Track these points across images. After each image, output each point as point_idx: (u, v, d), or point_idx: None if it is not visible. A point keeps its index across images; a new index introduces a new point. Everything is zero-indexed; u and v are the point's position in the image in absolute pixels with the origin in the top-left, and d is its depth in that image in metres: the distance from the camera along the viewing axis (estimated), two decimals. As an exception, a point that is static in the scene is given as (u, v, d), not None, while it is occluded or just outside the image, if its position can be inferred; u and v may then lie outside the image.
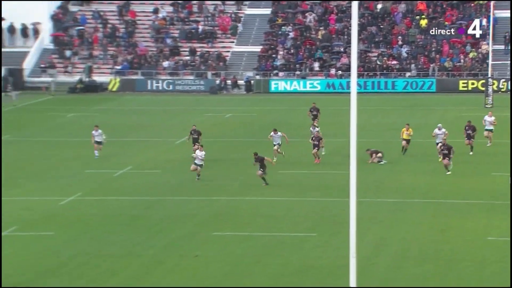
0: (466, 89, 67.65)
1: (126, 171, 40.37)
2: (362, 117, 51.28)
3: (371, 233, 29.30)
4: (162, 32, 75.49)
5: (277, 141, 41.07)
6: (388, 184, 37.08)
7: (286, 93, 68.38)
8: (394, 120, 53.22)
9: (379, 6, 74.95)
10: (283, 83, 69.30)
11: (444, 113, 57.06)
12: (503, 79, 66.75)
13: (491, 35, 65.28)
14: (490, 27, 65.22)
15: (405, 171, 39.32)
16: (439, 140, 40.19)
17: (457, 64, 69.69)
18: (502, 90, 65.70)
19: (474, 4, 73.94)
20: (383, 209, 33.00)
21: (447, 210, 32.75)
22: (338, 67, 70.55)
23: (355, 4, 16.97)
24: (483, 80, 64.47)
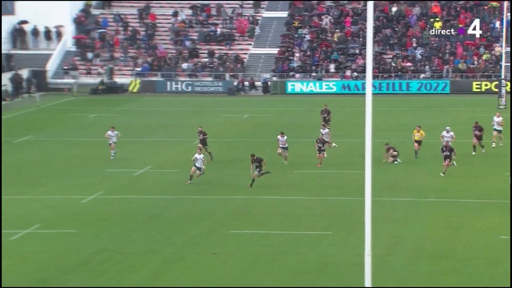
0: (479, 90, 67.35)
1: (146, 170, 40.46)
2: (377, 118, 50.75)
3: (386, 231, 29.24)
4: (182, 35, 75.63)
5: (283, 145, 40.32)
6: (403, 183, 36.98)
7: (302, 94, 68.33)
8: (408, 121, 53.03)
9: (394, 9, 74.77)
10: (299, 84, 69.25)
11: (457, 114, 56.84)
12: (516, 81, 66.35)
13: (504, 37, 64.88)
14: (503, 29, 64.85)
15: (419, 171, 39.19)
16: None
17: (470, 66, 69.39)
18: (515, 91, 65.31)
19: (487, 6, 73.59)
20: (397, 208, 32.92)
21: (460, 209, 32.63)
22: (353, 68, 70.42)
23: (370, 4, 16.90)
24: (496, 82, 64.12)
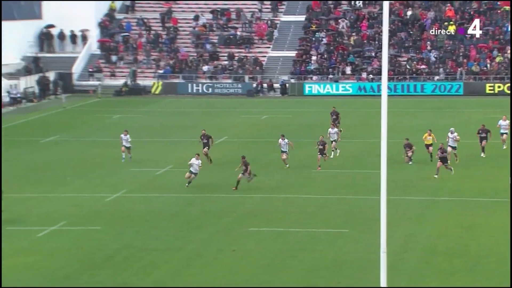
0: (492, 92, 67.00)
1: (167, 169, 40.57)
2: (392, 118, 50.79)
3: (400, 229, 29.18)
4: (202, 38, 75.74)
5: (284, 148, 39.58)
6: (416, 183, 36.85)
7: (319, 96, 68.24)
8: (422, 122, 52.84)
9: (409, 12, 74.52)
10: (316, 86, 69.20)
11: (470, 115, 56.58)
12: (529, 83, 65.96)
13: (516, 40, 64.55)
14: (515, 32, 64.48)
15: (432, 171, 39.00)
16: (451, 144, 39.68)
17: (484, 68, 69.04)
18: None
19: (500, 10, 73.18)
20: (411, 207, 32.83)
21: (473, 208, 32.48)
22: (369, 71, 70.25)
23: (386, 4, 16.86)
24: (509, 84, 63.81)
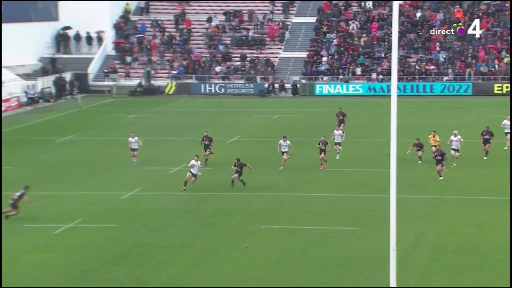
0: (500, 92, 66.64)
1: (181, 168, 40.50)
2: (401, 118, 50.67)
3: (410, 227, 29.02)
4: (215, 39, 75.72)
5: (285, 149, 38.94)
6: (426, 181, 36.66)
7: (330, 96, 68.06)
8: (431, 122, 52.64)
9: (418, 14, 74.23)
10: (327, 86, 69.05)
11: (479, 115, 56.31)
12: (536, 83, 65.61)
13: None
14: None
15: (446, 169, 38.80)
16: (454, 147, 39.35)
17: (492, 69, 68.70)
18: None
19: (508, 12, 72.78)
20: (421, 205, 32.66)
21: (482, 206, 32.28)
22: (379, 71, 70.02)
23: (396, 4, 16.75)
24: (517, 84, 63.47)
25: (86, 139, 50.27)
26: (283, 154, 39.07)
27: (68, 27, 75.61)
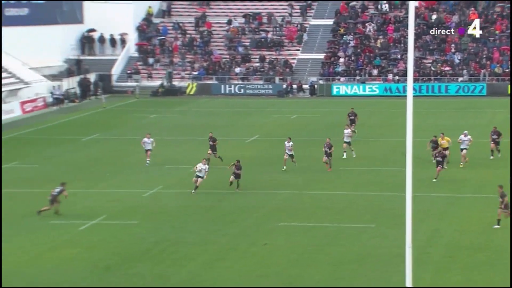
0: (514, 92, 66.28)
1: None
2: (417, 118, 50.48)
3: (425, 225, 28.96)
4: (235, 41, 75.83)
5: (288, 150, 38.52)
6: (440, 180, 36.54)
7: (347, 96, 67.98)
8: (446, 122, 52.45)
9: (434, 16, 73.93)
10: (344, 87, 68.95)
11: (493, 115, 56.01)
12: (550, 84, 65.12)
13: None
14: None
15: (455, 168, 38.67)
16: (464, 146, 39.17)
17: (506, 70, 68.29)
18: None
19: (522, 14, 72.34)
20: (436, 203, 32.57)
21: (496, 204, 32.09)
22: (395, 72, 69.82)
23: (412, 4, 16.69)
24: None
25: (109, 138, 50.50)
26: (287, 156, 38.55)
27: (93, 30, 76.01)
